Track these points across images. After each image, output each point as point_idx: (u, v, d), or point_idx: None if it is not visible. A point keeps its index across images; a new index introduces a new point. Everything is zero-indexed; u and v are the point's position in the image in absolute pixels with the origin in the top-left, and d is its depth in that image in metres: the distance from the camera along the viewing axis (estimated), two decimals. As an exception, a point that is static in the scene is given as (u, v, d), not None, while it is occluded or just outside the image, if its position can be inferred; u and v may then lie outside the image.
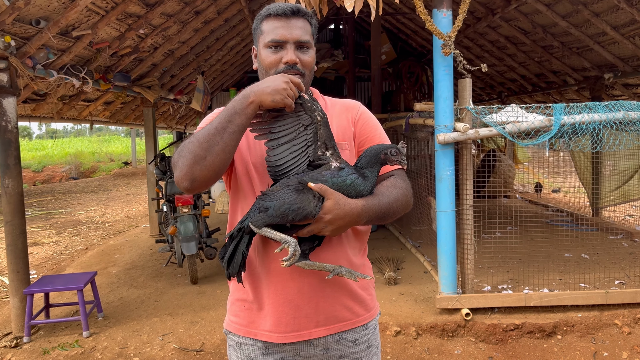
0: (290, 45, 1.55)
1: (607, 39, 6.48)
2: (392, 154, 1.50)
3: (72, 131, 50.49)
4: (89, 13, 4.48)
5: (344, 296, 1.64)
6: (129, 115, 8.30)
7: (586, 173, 7.93)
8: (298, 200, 1.38)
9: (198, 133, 1.45)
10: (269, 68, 1.58)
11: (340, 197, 1.41)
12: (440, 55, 3.96)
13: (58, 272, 6.01)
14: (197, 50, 7.36)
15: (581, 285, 4.61)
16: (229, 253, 1.47)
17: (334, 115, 1.70)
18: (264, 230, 1.40)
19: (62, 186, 16.61)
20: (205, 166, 1.40)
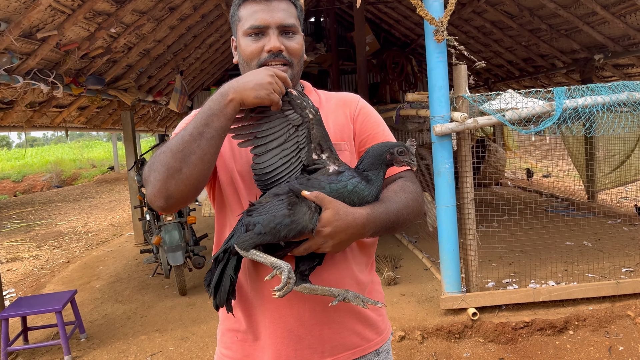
0: (273, 30, 1.34)
1: (596, 19, 6.30)
2: (399, 154, 1.27)
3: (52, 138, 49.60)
4: (54, 12, 4.16)
5: (351, 320, 1.41)
6: (106, 119, 7.94)
7: (579, 157, 7.78)
8: (291, 213, 1.15)
9: (171, 141, 1.20)
10: (251, 59, 1.35)
11: (341, 206, 1.18)
12: (433, 41, 3.72)
13: (38, 288, 5.69)
14: (174, 48, 7.04)
15: (588, 276, 4.42)
16: (215, 279, 1.24)
17: (329, 111, 1.47)
18: (251, 253, 1.17)
19: (43, 196, 16.14)
20: (181, 180, 1.16)
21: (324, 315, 1.36)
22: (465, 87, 3.80)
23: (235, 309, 1.39)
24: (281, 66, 1.35)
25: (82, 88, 5.28)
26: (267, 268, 1.28)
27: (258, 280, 1.36)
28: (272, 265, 1.15)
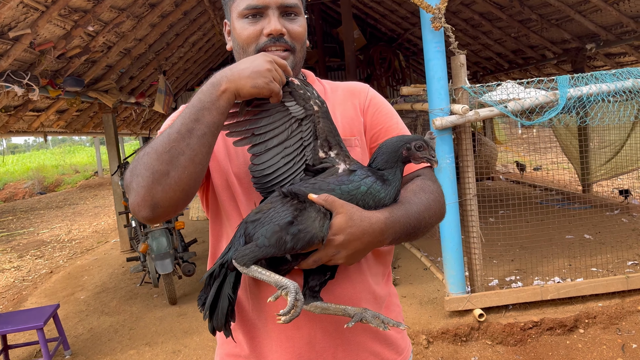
0: (273, 10, 1.17)
1: (588, 7, 6.18)
2: (417, 149, 1.09)
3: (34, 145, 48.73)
4: (26, 9, 3.90)
5: (369, 340, 1.23)
6: (87, 123, 7.65)
7: (571, 148, 7.68)
8: (297, 220, 0.97)
9: (155, 141, 1.01)
10: (247, 44, 1.17)
11: (355, 210, 1.00)
12: (430, 30, 3.54)
13: (19, 302, 5.41)
14: (156, 48, 6.79)
15: (593, 270, 4.28)
16: (211, 298, 1.06)
17: (336, 103, 1.29)
18: (252, 269, 0.99)
19: (25, 203, 15.71)
20: (169, 185, 0.97)
21: (337, 337, 1.19)
22: (465, 78, 3.63)
23: (235, 332, 1.21)
24: (282, 52, 1.18)
25: (59, 90, 5.02)
26: (271, 286, 1.09)
27: (261, 298, 1.17)
28: (276, 284, 0.97)
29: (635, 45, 6.32)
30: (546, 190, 8.20)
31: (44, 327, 3.47)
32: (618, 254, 4.61)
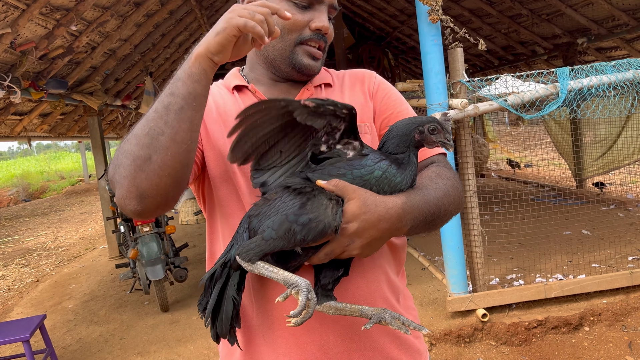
0: (325, 7, 1.13)
1: (580, 1, 6.14)
2: (431, 132, 0.98)
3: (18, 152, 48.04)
4: (6, 8, 3.74)
5: (386, 344, 1.13)
6: (72, 127, 7.46)
7: (564, 144, 7.65)
8: (308, 209, 0.86)
9: (135, 126, 0.90)
10: (291, 30, 1.10)
11: (369, 195, 0.90)
12: (427, 23, 3.44)
13: (4, 313, 5.22)
14: (141, 48, 6.63)
15: (594, 266, 4.21)
16: (213, 302, 0.96)
17: (345, 89, 1.22)
18: (258, 266, 0.88)
19: (9, 211, 15.40)
20: (153, 171, 0.87)
21: (352, 341, 1.08)
22: (463, 72, 3.54)
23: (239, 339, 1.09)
24: (319, 51, 1.15)
25: (42, 92, 4.84)
26: (279, 285, 0.99)
27: (267, 299, 1.06)
28: (285, 282, 0.87)
29: (627, 38, 6.30)
30: (540, 187, 8.16)
31: (30, 338, 3.31)
32: (618, 249, 4.55)
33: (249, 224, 0.94)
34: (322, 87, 1.21)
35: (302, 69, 1.13)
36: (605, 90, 3.48)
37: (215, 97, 1.18)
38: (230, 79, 1.23)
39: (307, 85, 1.19)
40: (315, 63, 1.14)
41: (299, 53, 1.12)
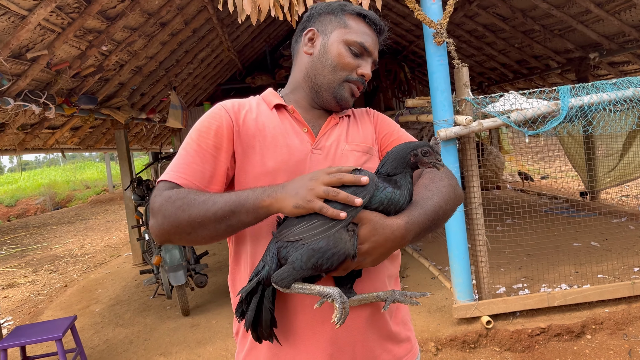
0: (370, 60, 1.39)
1: (590, 18, 6.27)
2: (424, 154, 1.18)
3: (45, 161, 49.21)
4: (43, 31, 4.06)
5: (382, 339, 1.34)
6: (100, 139, 7.81)
7: (577, 157, 7.73)
8: (332, 244, 1.05)
9: (193, 200, 1.13)
10: (341, 68, 1.35)
11: (377, 219, 1.10)
12: (433, 45, 3.65)
13: (36, 315, 5.53)
14: (166, 65, 6.95)
15: (600, 277, 4.33)
16: (252, 313, 1.16)
17: (358, 121, 1.49)
18: (293, 287, 1.09)
19: (38, 219, 15.93)
20: (186, 240, 1.17)
21: (356, 334, 1.28)
22: (468, 90, 3.73)
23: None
24: (357, 90, 1.40)
25: (74, 108, 5.17)
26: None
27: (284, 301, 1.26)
28: (320, 294, 1.08)
29: (638, 53, 6.40)
30: (552, 199, 8.24)
31: (62, 338, 3.57)
32: (625, 261, 4.65)
33: (278, 251, 1.11)
34: (344, 118, 1.44)
35: (341, 101, 1.37)
36: (607, 107, 3.64)
37: (256, 113, 1.35)
38: (270, 98, 1.40)
39: (333, 115, 1.42)
40: (352, 99, 1.40)
41: (344, 88, 1.36)
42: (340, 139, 1.37)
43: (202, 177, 1.23)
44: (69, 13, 4.04)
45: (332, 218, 1.06)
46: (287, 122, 1.35)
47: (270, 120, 1.34)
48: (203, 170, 1.23)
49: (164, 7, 5.09)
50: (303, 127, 1.36)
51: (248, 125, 1.31)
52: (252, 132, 1.30)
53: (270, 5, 3.28)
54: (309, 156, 1.30)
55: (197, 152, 1.25)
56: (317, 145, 1.33)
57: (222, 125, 1.28)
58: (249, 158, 1.28)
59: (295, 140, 1.31)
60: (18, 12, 3.58)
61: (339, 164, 1.30)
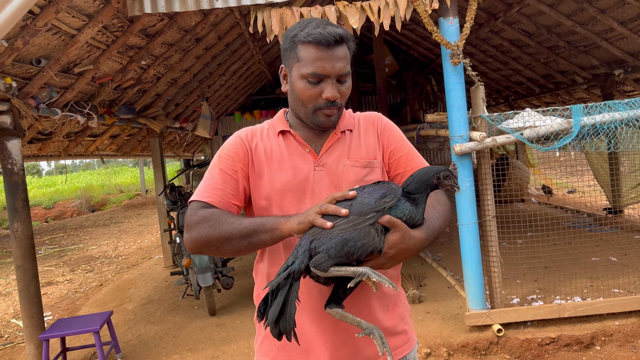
0: (332, 79, 1.44)
1: (614, 35, 6.35)
2: (445, 178, 1.37)
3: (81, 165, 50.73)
4: (90, 48, 4.43)
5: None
6: (135, 146, 8.24)
7: (602, 172, 7.74)
8: (362, 235, 1.25)
9: (225, 222, 1.39)
10: (308, 102, 1.48)
11: (407, 230, 1.31)
12: (450, 64, 3.85)
13: (73, 311, 5.90)
14: (200, 77, 7.32)
15: (614, 291, 4.42)
16: (279, 307, 1.24)
17: (361, 132, 1.61)
18: (331, 270, 1.25)
19: (74, 221, 16.59)
20: (213, 252, 1.44)
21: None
22: (483, 107, 3.91)
23: None
24: (330, 111, 1.48)
25: (114, 118, 5.54)
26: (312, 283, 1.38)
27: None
28: (354, 274, 1.23)
29: (663, 71, 6.44)
30: (576, 213, 8.25)
31: (99, 330, 3.88)
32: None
33: (309, 245, 1.27)
34: (346, 132, 1.58)
35: (320, 126, 1.51)
36: (619, 126, 3.77)
37: (265, 140, 1.56)
38: (277, 124, 1.59)
39: (335, 131, 1.56)
40: (330, 119, 1.49)
41: (317, 115, 1.48)
42: (342, 155, 1.53)
43: (226, 195, 1.48)
44: (113, 32, 4.40)
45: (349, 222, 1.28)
46: (291, 145, 1.54)
47: (277, 145, 1.54)
48: (226, 190, 1.48)
49: (200, 24, 5.42)
50: (305, 148, 1.53)
51: (259, 153, 1.53)
52: (262, 159, 1.52)
53: (297, 28, 3.53)
54: (312, 174, 1.50)
55: (220, 176, 1.49)
56: (319, 162, 1.52)
57: (239, 153, 1.52)
58: (260, 180, 1.51)
59: (299, 161, 1.51)
60: (68, 32, 3.94)
61: (341, 180, 1.50)
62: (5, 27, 3.01)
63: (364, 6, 3.75)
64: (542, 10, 6.35)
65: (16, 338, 5.31)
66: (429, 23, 3.67)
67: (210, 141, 11.09)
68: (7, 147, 3.83)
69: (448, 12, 3.84)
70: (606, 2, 5.69)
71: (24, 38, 3.57)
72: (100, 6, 3.91)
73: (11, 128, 3.86)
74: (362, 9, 3.75)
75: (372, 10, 3.73)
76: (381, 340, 1.29)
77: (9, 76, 3.80)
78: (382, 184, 1.37)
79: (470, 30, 3.78)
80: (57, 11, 3.50)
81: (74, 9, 3.75)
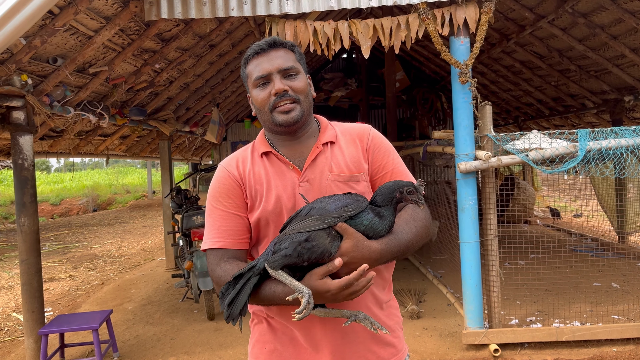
0: (275, 75, 1.51)
1: (626, 62, 6.37)
2: (408, 193, 1.41)
3: (90, 164, 51.05)
4: (106, 50, 4.51)
5: (367, 339, 1.56)
6: (144, 148, 8.32)
7: (606, 198, 7.71)
8: (313, 238, 1.31)
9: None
10: (263, 105, 1.53)
11: (360, 239, 1.34)
12: (458, 83, 3.89)
13: (74, 308, 5.94)
14: (212, 82, 7.40)
15: (614, 317, 4.40)
16: (234, 293, 1.33)
17: (343, 145, 1.62)
18: (279, 273, 1.32)
19: (80, 219, 16.70)
20: None
21: (343, 335, 1.51)
22: (490, 127, 3.93)
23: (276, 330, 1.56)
24: (290, 104, 1.51)
25: (125, 119, 5.62)
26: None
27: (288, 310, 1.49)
28: (295, 288, 1.29)
29: (673, 100, 6.44)
30: (581, 237, 8.22)
31: (98, 328, 3.91)
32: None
33: (274, 245, 1.38)
34: (328, 145, 1.59)
35: (282, 124, 1.51)
36: (624, 152, 3.78)
37: (254, 165, 1.58)
38: (259, 145, 1.62)
39: (317, 144, 1.58)
40: (289, 115, 1.50)
41: (275, 115, 1.51)
42: (324, 169, 1.55)
43: (233, 234, 1.53)
44: (129, 35, 4.48)
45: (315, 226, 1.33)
46: (275, 165, 1.57)
47: (263, 167, 1.57)
48: (230, 228, 1.53)
49: (215, 31, 5.50)
50: (289, 165, 1.56)
51: (250, 179, 1.56)
52: (253, 184, 1.55)
53: (310, 41, 3.60)
54: (297, 189, 1.53)
55: (221, 217, 1.54)
56: (304, 178, 1.54)
57: (232, 188, 1.56)
58: (255, 203, 1.54)
59: (284, 179, 1.54)
60: (86, 33, 4.02)
61: (325, 194, 1.52)
62: (24, 25, 3.08)
63: (376, 25, 3.81)
64: (554, 33, 6.38)
65: (15, 332, 5.35)
66: (439, 42, 3.72)
67: (219, 146, 11.17)
68: (19, 142, 3.90)
69: (459, 32, 3.89)
70: (618, 28, 5.72)
71: (42, 37, 3.65)
72: (118, 9, 3.99)
73: (24, 124, 3.93)
74: (374, 28, 3.80)
75: (384, 30, 3.78)
76: (367, 320, 1.36)
77: (25, 73, 3.88)
78: (349, 195, 1.42)
79: (482, 50, 3.83)
80: (77, 12, 3.58)
81: (93, 11, 3.83)
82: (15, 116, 3.90)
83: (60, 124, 4.79)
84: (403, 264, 7.18)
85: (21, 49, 3.66)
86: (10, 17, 3.01)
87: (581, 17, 5.67)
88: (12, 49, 3.65)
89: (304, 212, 1.41)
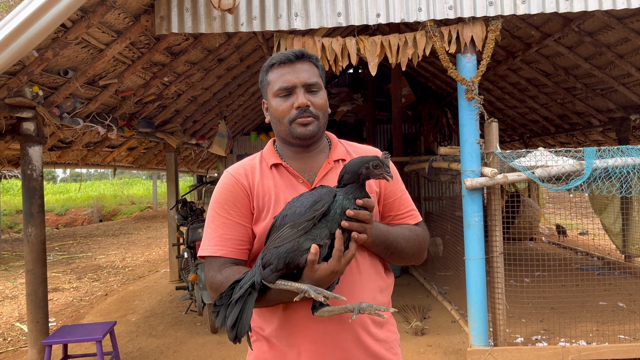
0: (300, 89, 1.52)
1: (632, 80, 6.39)
2: (375, 167, 1.38)
3: (95, 174, 51.29)
4: (116, 63, 4.57)
5: (363, 335, 1.53)
6: (151, 160, 8.37)
7: (605, 217, 7.64)
8: (293, 247, 1.34)
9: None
10: (282, 116, 1.54)
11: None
12: (465, 99, 3.91)
13: (77, 319, 5.93)
14: (219, 96, 7.45)
15: (620, 337, 4.36)
16: (236, 313, 1.32)
17: None
18: (278, 284, 1.34)
19: (84, 229, 16.74)
20: None
21: (342, 353, 1.49)
22: (496, 144, 3.95)
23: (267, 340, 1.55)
24: (308, 119, 1.52)
25: (133, 130, 5.67)
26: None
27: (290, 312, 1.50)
28: (297, 290, 1.31)
29: (679, 119, 6.44)
30: (587, 255, 8.17)
31: (102, 340, 3.91)
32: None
33: (262, 259, 1.36)
34: (340, 162, 1.60)
35: (300, 137, 1.53)
36: (631, 171, 3.78)
37: (263, 177, 1.57)
38: (268, 156, 1.61)
39: (328, 160, 1.60)
40: (307, 129, 1.52)
41: (294, 127, 1.52)
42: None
43: (235, 243, 1.52)
44: (139, 48, 4.54)
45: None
46: (285, 178, 1.57)
47: (272, 179, 1.56)
48: (233, 237, 1.52)
49: (223, 45, 5.55)
50: (299, 179, 1.56)
51: (258, 190, 1.55)
52: (261, 194, 1.54)
53: (318, 57, 3.63)
54: None
55: (225, 225, 1.53)
56: None
57: (239, 196, 1.55)
58: (262, 215, 1.54)
59: (294, 193, 1.52)
60: (97, 46, 4.08)
61: None
62: (37, 38, 3.13)
63: (383, 42, 3.85)
64: (560, 51, 6.42)
65: (19, 342, 5.35)
66: (445, 59, 3.75)
67: (225, 159, 11.21)
68: (29, 153, 3.94)
69: (466, 49, 3.92)
70: (625, 47, 5.75)
71: (54, 50, 3.70)
72: (129, 23, 4.05)
73: (34, 135, 3.97)
74: (381, 45, 3.84)
75: (392, 47, 3.82)
76: (371, 307, 1.36)
77: (36, 85, 3.93)
78: (316, 190, 1.40)
79: (488, 67, 3.85)
80: (89, 26, 3.64)
81: (104, 25, 3.89)
82: (25, 127, 3.94)
83: (70, 135, 4.84)
84: (407, 279, 7.15)
85: (33, 61, 3.72)
86: (23, 29, 3.07)
87: (587, 35, 5.70)
88: (25, 60, 3.70)
89: (277, 222, 1.41)
